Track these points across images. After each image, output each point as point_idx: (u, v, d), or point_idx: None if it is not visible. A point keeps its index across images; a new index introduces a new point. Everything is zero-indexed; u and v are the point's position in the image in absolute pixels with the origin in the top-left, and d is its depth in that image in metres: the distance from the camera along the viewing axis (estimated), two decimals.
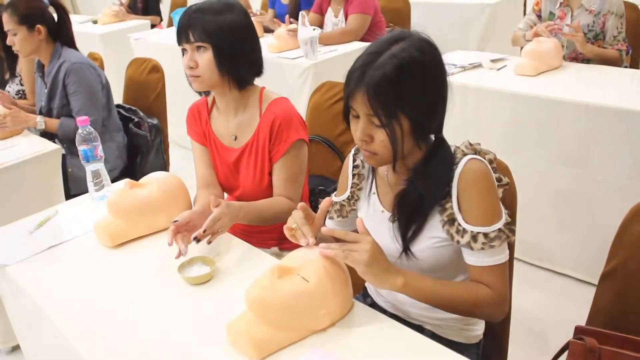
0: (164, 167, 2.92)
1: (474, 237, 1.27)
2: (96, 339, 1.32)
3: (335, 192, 1.60)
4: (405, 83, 1.20)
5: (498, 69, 2.86)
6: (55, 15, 2.70)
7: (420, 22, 4.50)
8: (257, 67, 1.82)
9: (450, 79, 1.28)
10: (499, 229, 1.27)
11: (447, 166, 1.30)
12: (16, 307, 1.80)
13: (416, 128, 1.25)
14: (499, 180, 1.36)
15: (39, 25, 2.61)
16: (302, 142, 1.80)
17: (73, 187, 2.64)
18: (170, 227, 1.54)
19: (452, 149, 1.34)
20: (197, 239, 1.47)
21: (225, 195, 1.98)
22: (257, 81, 1.88)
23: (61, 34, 2.72)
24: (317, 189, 2.16)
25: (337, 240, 1.27)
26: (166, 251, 1.60)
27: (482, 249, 1.27)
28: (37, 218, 1.87)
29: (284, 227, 1.34)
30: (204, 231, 1.48)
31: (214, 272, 1.48)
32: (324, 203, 1.35)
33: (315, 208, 2.08)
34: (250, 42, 1.77)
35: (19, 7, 2.59)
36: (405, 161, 1.34)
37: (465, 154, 1.31)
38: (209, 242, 1.49)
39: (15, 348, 2.47)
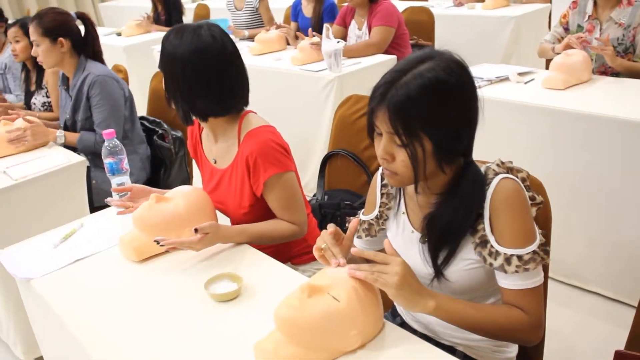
0: (187, 179, 2.91)
1: (508, 260, 1.23)
2: (119, 356, 1.30)
3: (362, 210, 1.57)
4: (429, 104, 1.17)
5: (526, 83, 2.81)
6: (82, 29, 2.72)
7: (444, 35, 4.48)
8: (224, 101, 1.72)
9: (480, 102, 1.25)
10: (534, 251, 1.23)
11: (476, 191, 1.26)
12: (40, 319, 1.79)
13: (439, 150, 1.21)
14: (532, 199, 1.32)
15: (61, 39, 2.63)
16: (282, 173, 1.74)
17: (96, 199, 2.64)
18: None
19: (483, 168, 1.29)
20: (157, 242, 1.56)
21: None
22: (276, 96, 1.85)
23: (87, 47, 2.73)
24: (343, 203, 2.13)
25: (367, 261, 1.24)
26: (192, 267, 1.60)
27: (516, 272, 1.23)
28: (62, 231, 1.87)
29: (314, 247, 1.31)
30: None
31: (242, 289, 1.46)
32: (352, 223, 1.33)
33: (339, 224, 2.07)
34: (209, 77, 1.67)
35: (44, 20, 2.62)
36: (429, 183, 1.30)
37: (497, 173, 1.27)
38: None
39: (38, 359, 2.47)
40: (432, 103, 1.18)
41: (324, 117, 3.33)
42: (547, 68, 3.08)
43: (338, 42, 3.24)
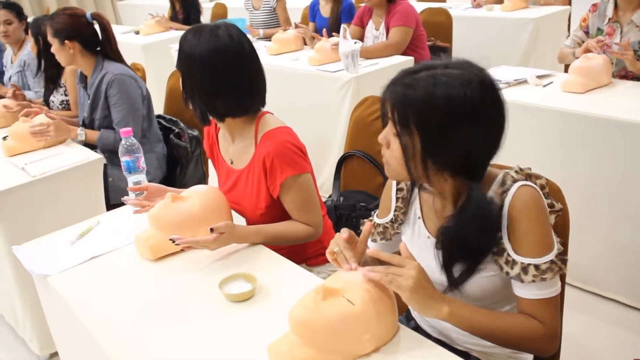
0: (203, 178, 2.92)
1: (525, 269, 1.22)
2: (133, 353, 1.31)
3: (376, 212, 1.56)
4: (428, 109, 1.16)
5: (544, 86, 2.79)
6: (98, 29, 2.73)
7: (462, 37, 4.45)
8: (241, 101, 1.72)
9: (473, 132, 1.19)
10: (551, 261, 1.21)
11: (487, 218, 1.23)
12: (56, 316, 1.80)
13: (426, 154, 1.19)
14: (551, 206, 1.30)
15: (67, 41, 2.64)
16: (299, 175, 1.73)
17: (113, 197, 2.66)
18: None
19: (502, 174, 1.27)
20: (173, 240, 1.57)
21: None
22: (294, 97, 1.85)
23: (103, 47, 2.74)
24: (358, 205, 2.13)
25: (381, 262, 1.23)
26: (207, 267, 1.60)
27: (533, 281, 1.21)
28: (79, 228, 1.88)
29: (327, 251, 1.31)
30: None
31: (256, 289, 1.46)
32: (366, 227, 1.32)
33: (354, 225, 2.06)
34: (226, 77, 1.68)
35: (54, 21, 2.65)
36: (436, 189, 1.29)
37: (515, 180, 1.25)
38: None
39: (54, 355, 2.49)
40: (432, 111, 1.16)
41: (340, 118, 3.32)
42: (566, 71, 3.06)
43: (355, 42, 3.23)
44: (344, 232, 1.30)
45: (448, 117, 1.15)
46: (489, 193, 1.26)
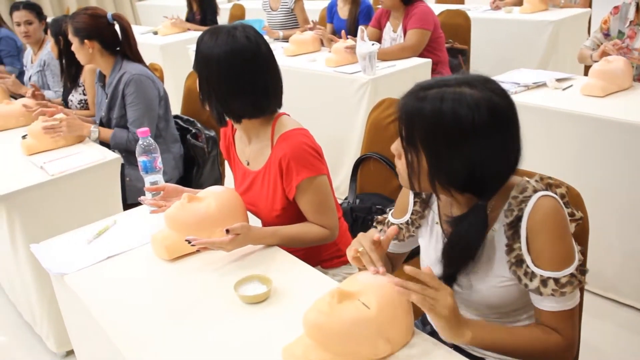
0: (219, 179, 2.93)
1: (544, 282, 1.20)
2: (148, 352, 1.32)
3: (391, 210, 1.55)
4: (434, 129, 1.15)
5: (564, 89, 2.76)
6: (119, 30, 2.75)
7: (481, 39, 4.42)
8: (258, 103, 1.72)
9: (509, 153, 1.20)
10: (571, 274, 1.20)
11: (472, 238, 1.24)
12: (72, 314, 1.81)
13: (433, 173, 1.19)
14: (571, 215, 1.28)
15: (87, 41, 2.67)
16: (315, 177, 1.73)
17: (130, 196, 2.67)
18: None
19: (523, 182, 1.25)
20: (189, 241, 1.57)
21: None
22: (313, 98, 1.85)
23: (122, 48, 2.76)
24: (374, 207, 2.12)
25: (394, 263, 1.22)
26: (222, 268, 1.60)
27: (552, 295, 1.20)
28: (96, 227, 1.89)
29: (349, 247, 1.30)
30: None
31: (271, 291, 1.45)
32: (390, 230, 1.32)
33: (369, 228, 2.05)
34: (243, 79, 1.68)
35: (74, 20, 2.68)
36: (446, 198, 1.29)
37: (535, 190, 1.23)
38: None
39: (70, 353, 2.51)
40: (437, 129, 1.15)
41: (357, 120, 3.31)
42: (585, 74, 3.03)
43: (373, 44, 3.22)
44: (373, 233, 1.30)
45: (453, 138, 1.14)
46: (508, 201, 1.24)
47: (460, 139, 1.14)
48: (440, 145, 1.16)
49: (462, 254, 1.25)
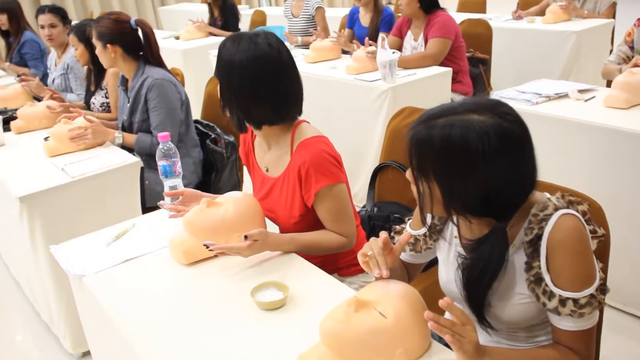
0: (238, 184, 2.94)
1: (562, 302, 1.18)
2: (164, 356, 1.32)
3: (409, 221, 1.54)
4: (444, 159, 1.15)
5: (586, 100, 2.73)
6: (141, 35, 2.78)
7: (502, 49, 4.40)
8: (278, 109, 1.72)
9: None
10: (591, 295, 1.18)
11: (492, 260, 1.22)
12: (90, 316, 1.83)
13: (448, 202, 1.18)
14: (593, 232, 1.26)
15: (109, 45, 2.70)
16: (334, 184, 1.72)
17: (149, 199, 2.69)
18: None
19: (544, 200, 1.24)
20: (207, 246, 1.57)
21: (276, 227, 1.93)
22: (334, 105, 1.84)
23: (145, 52, 2.79)
24: (392, 216, 2.11)
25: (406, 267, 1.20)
26: (239, 273, 1.61)
27: (570, 315, 1.18)
28: (115, 230, 1.91)
29: (359, 252, 1.30)
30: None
31: (287, 298, 1.45)
32: (404, 237, 1.31)
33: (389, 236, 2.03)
34: (265, 85, 1.68)
35: (98, 24, 2.71)
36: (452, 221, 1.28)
37: (557, 208, 1.21)
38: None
39: (86, 354, 2.52)
40: (447, 159, 1.14)
41: (376, 128, 3.31)
42: (608, 86, 2.99)
43: (393, 52, 3.22)
44: (382, 234, 1.29)
45: (465, 167, 1.14)
46: (528, 218, 1.23)
47: (471, 167, 1.13)
48: (452, 174, 1.15)
49: (484, 277, 1.23)
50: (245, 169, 2.99)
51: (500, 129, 1.13)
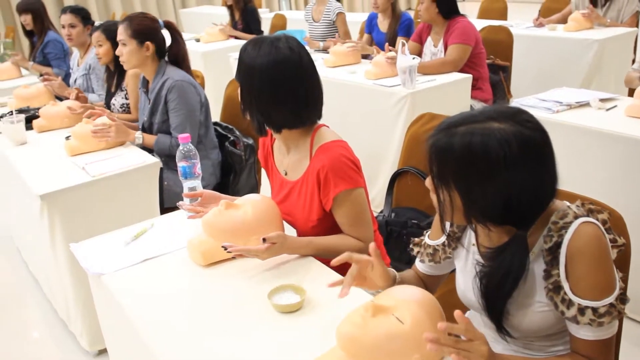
0: (255, 186, 2.95)
1: (581, 311, 1.17)
2: (180, 355, 1.33)
3: (428, 233, 1.54)
4: (465, 167, 1.14)
5: (607, 109, 2.71)
6: (168, 37, 2.81)
7: (523, 56, 4.38)
8: (298, 113, 1.73)
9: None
10: (610, 304, 1.17)
11: (514, 268, 1.21)
12: (108, 314, 1.84)
13: (468, 209, 1.18)
14: (613, 241, 1.25)
15: (148, 42, 2.73)
16: (352, 189, 1.72)
17: (167, 200, 2.70)
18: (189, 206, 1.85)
19: (564, 207, 1.23)
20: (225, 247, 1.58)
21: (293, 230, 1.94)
22: (351, 110, 1.85)
23: (170, 54, 2.83)
24: (410, 222, 2.10)
25: (424, 280, 1.21)
26: (257, 276, 1.61)
27: (589, 324, 1.17)
28: (134, 230, 1.92)
29: (335, 259, 1.36)
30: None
31: (304, 301, 1.45)
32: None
33: (404, 243, 2.04)
34: (285, 89, 1.69)
35: (134, 22, 2.73)
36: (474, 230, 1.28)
37: (577, 216, 1.21)
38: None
39: (102, 352, 2.54)
40: (468, 167, 1.14)
41: (394, 133, 3.30)
42: (630, 95, 2.96)
43: (413, 58, 3.22)
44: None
45: (485, 174, 1.14)
46: (548, 226, 1.22)
47: (492, 174, 1.13)
48: (473, 181, 1.15)
49: (504, 286, 1.22)
50: (263, 171, 3.02)
51: (521, 136, 1.13)
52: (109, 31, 3.19)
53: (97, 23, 3.74)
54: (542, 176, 1.17)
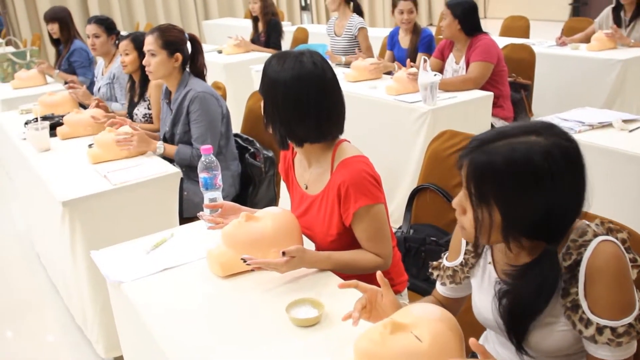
0: (274, 199, 2.96)
1: (599, 330, 1.16)
2: None
3: (446, 255, 1.54)
4: (509, 180, 1.14)
5: (630, 131, 2.69)
6: (189, 47, 2.85)
7: (545, 75, 4.36)
8: (321, 128, 1.74)
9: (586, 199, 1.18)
10: (629, 324, 1.15)
11: (547, 284, 1.20)
12: (125, 322, 1.86)
13: (507, 226, 1.17)
14: (633, 260, 1.24)
15: (177, 54, 2.77)
16: (373, 205, 1.72)
17: (186, 210, 2.72)
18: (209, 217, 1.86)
19: (583, 226, 1.23)
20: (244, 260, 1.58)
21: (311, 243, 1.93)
22: (366, 127, 1.85)
23: (192, 65, 2.87)
24: (429, 239, 2.09)
25: (445, 304, 1.20)
26: (275, 289, 1.61)
27: (608, 344, 1.16)
28: (154, 239, 1.94)
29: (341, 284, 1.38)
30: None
31: (322, 316, 1.45)
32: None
33: (422, 259, 2.03)
34: (308, 104, 1.70)
35: (165, 33, 2.77)
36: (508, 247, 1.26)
37: (596, 235, 1.20)
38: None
39: (117, 359, 2.55)
40: (512, 181, 1.13)
41: (414, 149, 3.30)
42: None
43: (435, 75, 3.22)
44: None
45: (530, 188, 1.13)
46: (567, 244, 1.22)
47: (536, 187, 1.13)
48: (515, 196, 1.14)
49: (534, 304, 1.21)
50: (282, 184, 3.03)
51: (561, 147, 1.14)
52: (138, 41, 3.23)
53: (123, 33, 3.79)
54: (580, 184, 1.17)
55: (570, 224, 1.20)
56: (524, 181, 1.13)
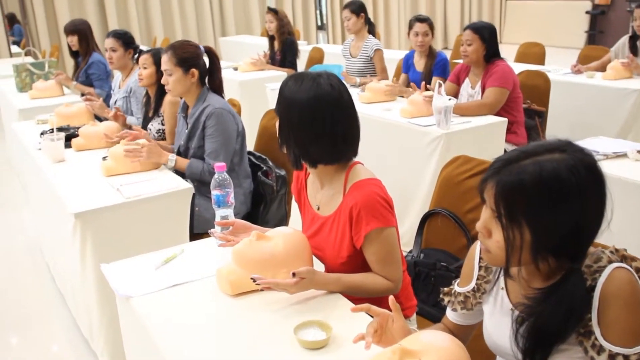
0: (285, 217, 2.95)
1: (612, 357, 1.15)
2: None
3: (457, 281, 1.53)
4: (538, 197, 1.14)
5: None
6: (207, 62, 2.87)
7: (560, 102, 4.36)
8: (335, 149, 1.75)
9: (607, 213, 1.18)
10: None
11: (577, 303, 1.18)
12: (133, 336, 1.85)
13: (538, 245, 1.17)
14: None
15: (193, 69, 2.78)
16: (384, 228, 1.72)
17: (197, 226, 2.73)
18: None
19: (597, 252, 1.22)
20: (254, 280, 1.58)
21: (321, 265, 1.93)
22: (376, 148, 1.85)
23: (210, 80, 2.88)
24: (439, 264, 2.08)
25: (453, 331, 1.18)
26: (284, 309, 1.61)
27: None
28: (164, 254, 1.94)
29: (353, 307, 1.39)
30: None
31: (330, 339, 1.44)
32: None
33: (432, 284, 2.01)
34: (324, 125, 1.71)
35: (179, 51, 2.79)
36: (524, 272, 1.26)
37: (610, 261, 1.20)
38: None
39: None
40: (542, 198, 1.14)
41: (426, 173, 3.30)
42: None
43: (450, 99, 3.22)
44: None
45: (560, 205, 1.14)
46: (582, 269, 1.21)
47: (565, 203, 1.14)
48: (546, 213, 1.15)
49: (567, 323, 1.19)
50: (293, 203, 3.03)
51: (585, 162, 1.16)
52: (157, 57, 3.26)
53: (142, 47, 3.83)
54: (605, 200, 1.19)
55: (593, 240, 1.21)
56: (554, 197, 1.13)
